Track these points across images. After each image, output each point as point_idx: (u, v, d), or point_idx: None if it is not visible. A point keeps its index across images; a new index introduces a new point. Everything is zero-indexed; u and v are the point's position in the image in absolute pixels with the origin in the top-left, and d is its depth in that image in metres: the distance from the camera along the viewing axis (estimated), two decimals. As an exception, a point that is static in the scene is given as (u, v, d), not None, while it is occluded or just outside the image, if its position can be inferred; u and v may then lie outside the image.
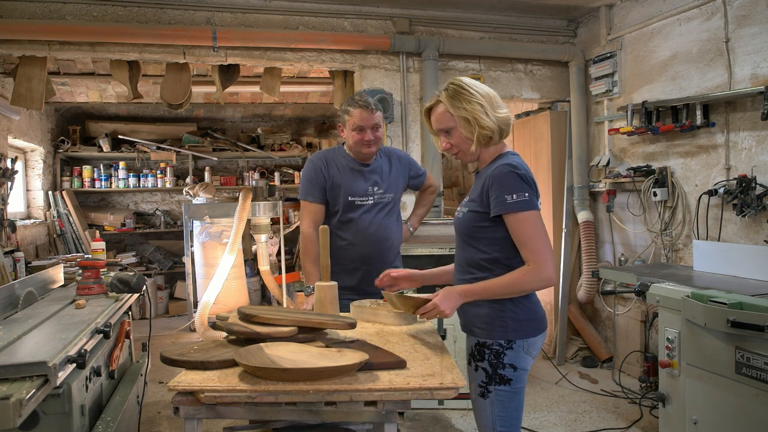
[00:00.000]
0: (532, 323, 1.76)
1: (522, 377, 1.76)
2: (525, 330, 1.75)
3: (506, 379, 1.73)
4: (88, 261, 2.58)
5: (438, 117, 1.81)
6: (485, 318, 1.76)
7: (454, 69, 4.42)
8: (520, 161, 1.76)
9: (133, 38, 3.70)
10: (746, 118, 3.28)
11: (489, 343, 1.75)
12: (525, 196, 1.67)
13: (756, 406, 2.24)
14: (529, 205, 1.67)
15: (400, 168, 2.65)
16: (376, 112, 2.43)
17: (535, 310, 1.79)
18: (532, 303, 1.77)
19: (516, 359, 1.74)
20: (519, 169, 1.70)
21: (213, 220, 5.50)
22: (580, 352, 4.54)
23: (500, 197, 1.68)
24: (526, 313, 1.75)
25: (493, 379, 1.74)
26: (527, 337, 1.75)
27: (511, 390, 1.74)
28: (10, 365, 1.41)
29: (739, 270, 3.04)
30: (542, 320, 1.80)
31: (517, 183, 1.67)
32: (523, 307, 1.75)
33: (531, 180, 1.70)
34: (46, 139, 6.00)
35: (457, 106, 1.75)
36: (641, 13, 4.01)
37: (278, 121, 7.47)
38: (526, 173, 1.70)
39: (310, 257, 2.49)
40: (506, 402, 1.74)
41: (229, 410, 1.48)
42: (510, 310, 1.73)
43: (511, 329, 1.73)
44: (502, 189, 1.68)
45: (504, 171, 1.70)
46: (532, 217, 1.68)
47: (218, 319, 1.83)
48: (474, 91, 1.75)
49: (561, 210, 4.60)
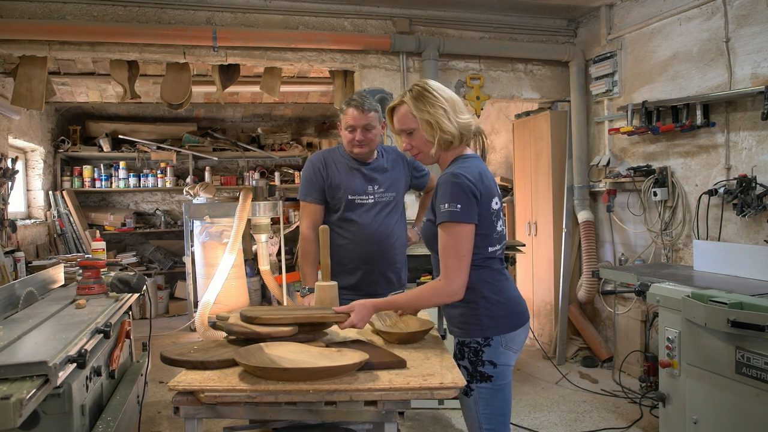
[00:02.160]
0: (508, 318, 1.77)
1: (504, 373, 1.76)
2: (501, 326, 1.75)
3: (487, 376, 1.74)
4: (88, 261, 2.58)
5: (400, 117, 1.82)
6: (461, 317, 1.78)
7: (454, 69, 4.42)
8: (469, 166, 1.73)
9: (133, 38, 3.70)
10: (746, 117, 3.28)
11: (467, 341, 1.77)
12: (456, 207, 1.64)
13: (756, 406, 2.24)
14: (456, 217, 1.65)
15: (403, 167, 2.64)
16: (369, 113, 2.42)
17: (512, 305, 1.79)
18: (506, 299, 1.78)
19: (495, 355, 1.74)
20: (459, 177, 1.67)
21: (213, 220, 5.51)
22: (580, 351, 4.54)
23: (438, 206, 1.70)
24: (501, 310, 1.76)
25: (474, 376, 1.75)
26: (504, 332, 1.75)
27: (493, 387, 1.74)
28: (11, 365, 1.41)
29: (739, 270, 3.04)
30: (520, 315, 1.81)
31: (452, 192, 1.66)
32: (498, 303, 1.76)
33: (471, 190, 1.66)
34: (47, 139, 6.00)
35: (420, 108, 1.75)
36: (641, 13, 4.01)
37: (278, 121, 7.47)
38: (468, 183, 1.66)
39: (308, 259, 2.50)
40: (489, 399, 1.74)
41: (229, 410, 1.48)
42: (483, 307, 1.74)
43: (487, 326, 1.74)
44: (440, 197, 1.69)
45: (445, 180, 1.70)
46: (458, 231, 1.66)
47: (218, 319, 1.84)
48: (438, 95, 1.76)
49: (561, 210, 4.60)
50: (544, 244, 4.75)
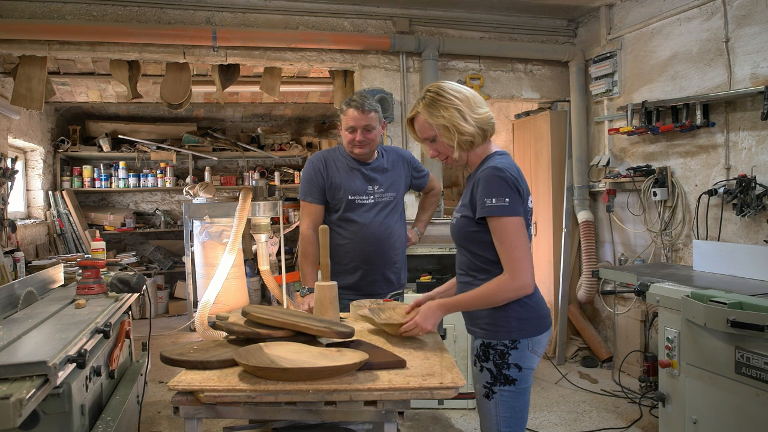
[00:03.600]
0: (535, 321, 1.75)
1: (527, 377, 1.74)
2: (529, 329, 1.73)
3: (511, 379, 1.72)
4: (88, 261, 2.58)
5: (420, 127, 1.81)
6: (488, 319, 1.75)
7: (454, 69, 4.42)
8: (507, 163, 1.72)
9: (133, 38, 3.70)
10: (746, 117, 3.28)
11: (493, 343, 1.74)
12: (505, 201, 1.64)
13: (756, 406, 2.24)
14: (506, 211, 1.64)
15: (403, 167, 2.64)
16: (369, 113, 2.42)
17: (539, 307, 1.77)
18: (534, 301, 1.75)
19: (521, 359, 1.72)
20: (503, 171, 1.66)
21: (213, 219, 5.51)
22: (580, 351, 4.54)
23: (481, 200, 1.67)
24: (529, 312, 1.73)
25: (497, 379, 1.72)
26: (532, 335, 1.73)
27: (516, 390, 1.72)
28: (10, 365, 1.41)
29: (739, 270, 3.04)
30: (546, 317, 1.79)
31: (498, 186, 1.65)
32: (526, 306, 1.73)
33: (516, 184, 1.67)
34: (46, 138, 6.00)
35: (434, 114, 1.73)
36: (641, 13, 4.01)
37: (278, 121, 7.47)
38: (512, 177, 1.67)
39: (308, 258, 2.50)
40: (511, 402, 1.72)
41: (229, 410, 1.48)
42: (513, 309, 1.71)
43: (515, 329, 1.72)
44: (484, 192, 1.67)
45: (488, 174, 1.68)
46: (511, 224, 1.64)
47: (218, 319, 1.83)
48: (450, 95, 1.73)
49: (561, 210, 4.60)
50: (544, 244, 4.75)
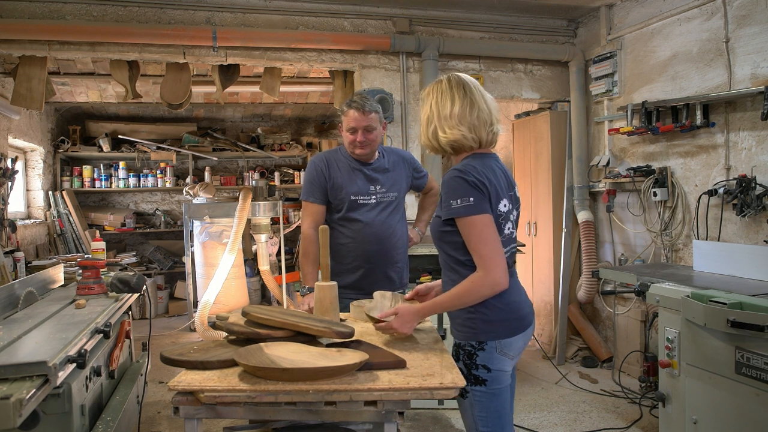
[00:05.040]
0: (506, 323, 1.74)
1: (499, 378, 1.74)
2: (498, 331, 1.73)
3: (481, 379, 1.73)
4: (88, 261, 2.58)
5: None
6: (459, 319, 1.78)
7: (454, 69, 4.42)
8: (474, 165, 1.72)
9: (133, 38, 3.70)
10: (746, 118, 3.28)
11: (462, 344, 1.77)
12: (469, 201, 1.65)
13: (756, 406, 2.24)
14: (472, 210, 1.65)
15: (404, 168, 2.65)
16: (370, 114, 2.42)
17: (511, 310, 1.75)
18: (505, 304, 1.74)
19: (489, 360, 1.73)
20: (464, 173, 1.67)
21: (213, 220, 5.51)
22: (580, 352, 4.54)
23: (447, 202, 1.69)
24: (498, 314, 1.73)
25: (468, 379, 1.73)
26: (501, 338, 1.73)
27: (488, 391, 1.73)
28: (10, 365, 1.41)
29: (739, 270, 3.05)
30: (520, 320, 1.77)
31: (461, 188, 1.66)
32: (494, 308, 1.72)
33: (478, 184, 1.67)
34: (46, 139, 6.00)
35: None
36: (641, 13, 4.01)
37: (278, 121, 7.47)
38: (474, 178, 1.67)
39: (309, 258, 2.50)
40: (484, 403, 1.73)
41: (229, 410, 1.48)
42: (480, 311, 1.72)
43: (482, 330, 1.73)
44: (448, 194, 1.69)
45: (450, 176, 1.70)
46: (479, 222, 1.66)
47: (218, 319, 1.83)
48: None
49: (561, 210, 4.60)
50: (543, 244, 4.76)
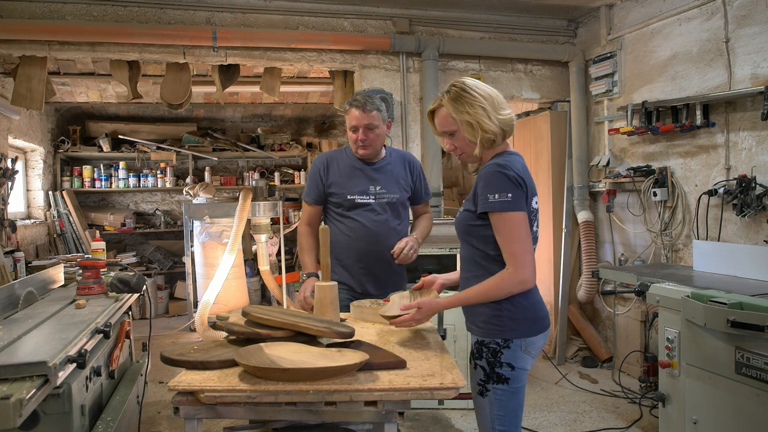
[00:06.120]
0: (530, 322, 1.76)
1: (520, 377, 1.75)
2: (523, 329, 1.74)
3: (504, 378, 1.73)
4: (88, 261, 2.58)
5: (441, 120, 1.81)
6: (483, 317, 1.77)
7: (454, 69, 4.42)
8: (513, 160, 1.74)
9: (133, 38, 3.70)
10: (746, 118, 3.28)
11: (487, 341, 1.76)
12: (507, 197, 1.65)
13: (756, 406, 2.24)
14: (509, 206, 1.66)
15: (410, 173, 2.63)
16: (371, 113, 2.42)
17: (535, 309, 1.78)
18: (530, 302, 1.76)
19: (513, 358, 1.73)
20: (506, 168, 1.68)
21: (213, 220, 5.51)
22: (580, 352, 4.54)
23: (483, 195, 1.69)
24: (523, 313, 1.74)
25: (491, 377, 1.74)
26: (525, 336, 1.74)
27: (509, 389, 1.74)
28: (10, 365, 1.41)
29: (739, 270, 3.04)
30: (542, 320, 1.80)
31: (500, 182, 1.67)
32: (521, 306, 1.74)
33: (519, 180, 1.68)
34: (46, 139, 6.00)
35: (459, 110, 1.74)
36: (641, 13, 4.01)
37: (278, 121, 7.47)
38: (515, 173, 1.68)
39: (305, 249, 2.60)
40: (504, 401, 1.74)
41: (229, 410, 1.48)
42: (507, 309, 1.73)
43: (508, 328, 1.73)
44: (485, 188, 1.69)
45: (491, 170, 1.70)
46: (513, 219, 1.66)
47: (218, 319, 1.83)
48: (476, 93, 1.74)
49: (561, 210, 4.60)
50: (544, 244, 4.75)
